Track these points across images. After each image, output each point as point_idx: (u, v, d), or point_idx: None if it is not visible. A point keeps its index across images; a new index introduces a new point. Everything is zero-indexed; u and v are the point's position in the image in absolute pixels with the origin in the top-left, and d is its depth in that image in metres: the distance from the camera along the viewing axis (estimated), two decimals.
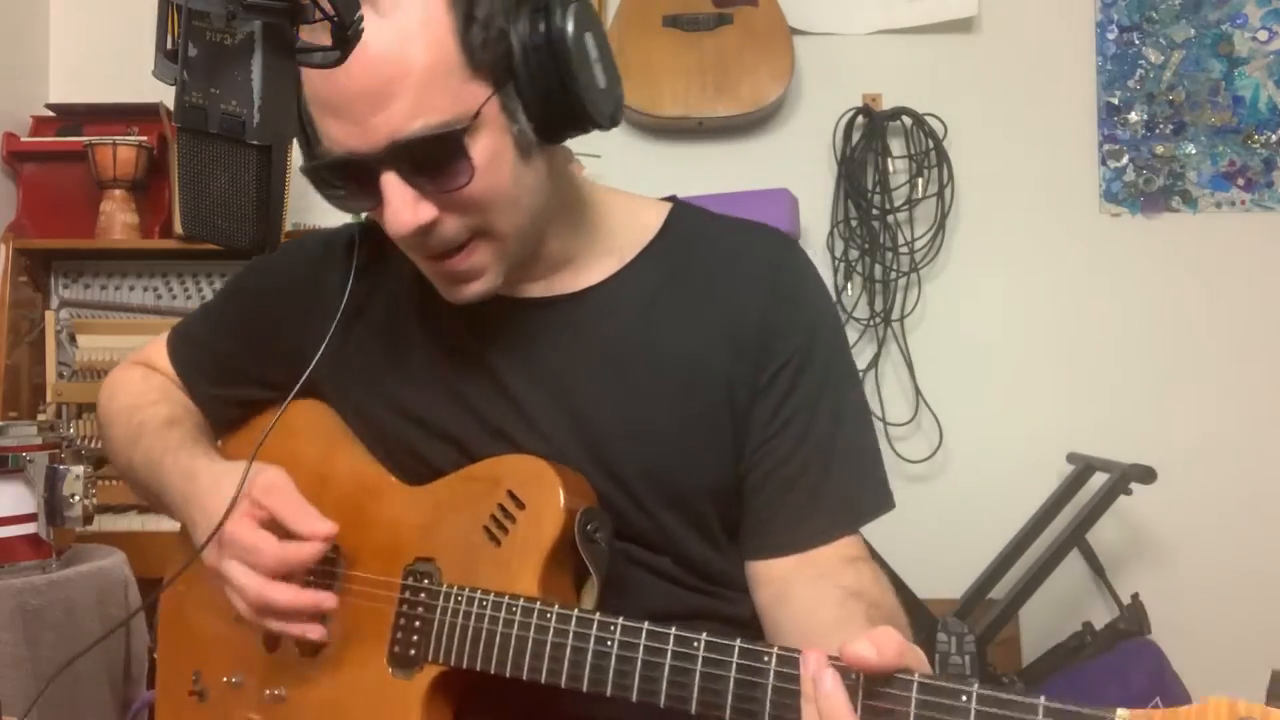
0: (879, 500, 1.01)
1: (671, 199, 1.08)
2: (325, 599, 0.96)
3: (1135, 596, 2.48)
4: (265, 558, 0.94)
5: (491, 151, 0.88)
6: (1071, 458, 2.54)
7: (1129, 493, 2.30)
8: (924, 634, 2.25)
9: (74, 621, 1.74)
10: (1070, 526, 2.32)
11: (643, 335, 0.99)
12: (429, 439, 1.02)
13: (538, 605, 0.85)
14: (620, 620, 0.80)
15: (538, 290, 1.01)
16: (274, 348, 1.11)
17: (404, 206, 0.87)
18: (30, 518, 1.78)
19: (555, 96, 0.88)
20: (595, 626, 0.81)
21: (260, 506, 0.96)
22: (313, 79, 0.84)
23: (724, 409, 0.97)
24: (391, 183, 0.87)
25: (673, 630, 0.78)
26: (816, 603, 0.90)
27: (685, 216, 1.05)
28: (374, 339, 1.06)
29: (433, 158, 0.87)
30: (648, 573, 0.97)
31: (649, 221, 1.04)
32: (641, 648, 0.78)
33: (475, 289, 0.95)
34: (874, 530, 1.00)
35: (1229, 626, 2.54)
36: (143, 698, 1.17)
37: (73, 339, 2.40)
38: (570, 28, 0.87)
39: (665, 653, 0.79)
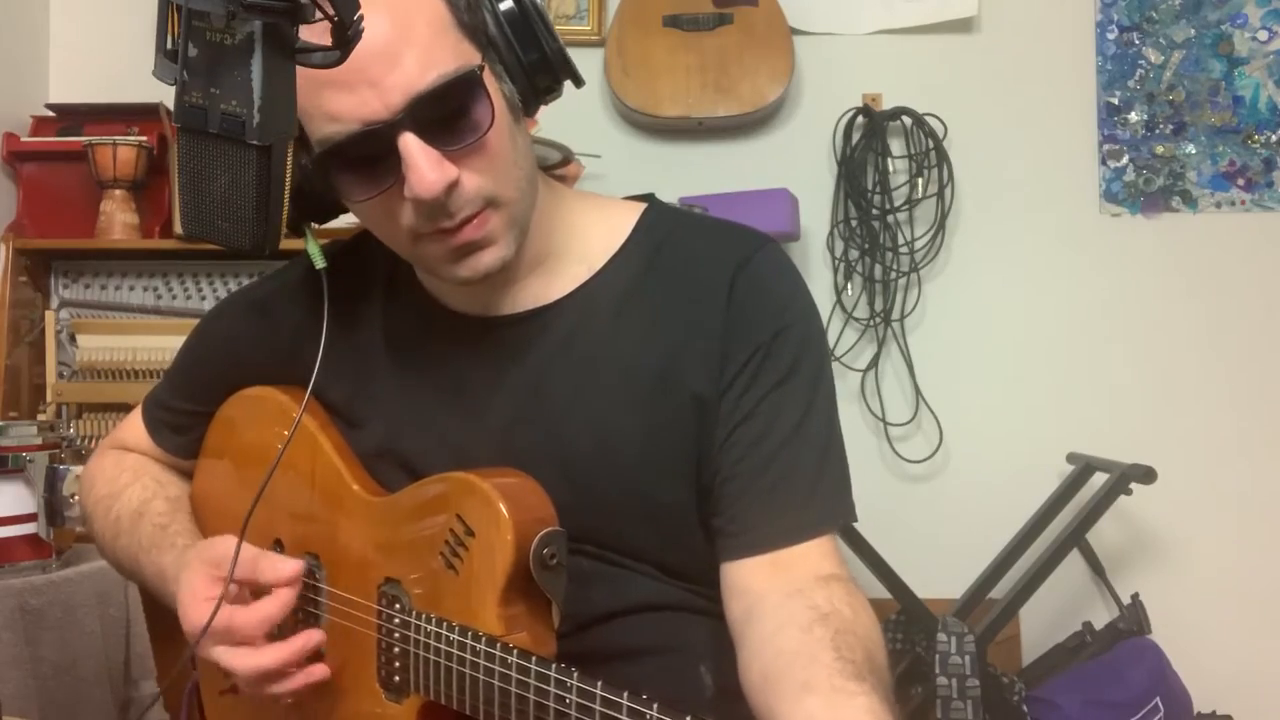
0: (843, 508, 0.96)
1: (648, 198, 1.06)
2: (312, 637, 0.95)
3: (1135, 596, 2.48)
4: (242, 629, 0.92)
5: (499, 104, 0.90)
6: (1071, 458, 2.54)
7: (1129, 493, 2.31)
8: (924, 634, 2.25)
9: (74, 621, 1.74)
10: (1070, 526, 2.32)
11: (611, 348, 0.97)
12: (394, 469, 1.01)
13: (498, 650, 0.84)
14: (575, 681, 0.78)
15: (506, 307, 1.00)
16: (234, 383, 1.13)
17: (430, 167, 0.86)
18: (30, 518, 1.79)
19: (535, 63, 0.92)
20: (553, 684, 0.80)
21: (217, 582, 0.95)
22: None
23: (692, 417, 0.96)
24: (412, 145, 0.86)
25: (625, 696, 0.75)
26: (781, 625, 0.86)
27: (657, 219, 1.03)
28: (342, 366, 1.05)
29: (453, 107, 0.87)
30: (629, 572, 0.97)
31: (620, 226, 1.02)
32: (598, 714, 0.76)
33: (489, 257, 0.93)
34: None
35: (1229, 626, 2.54)
36: (194, 677, 1.21)
37: (73, 339, 2.40)
38: None
39: (620, 714, 0.76)
